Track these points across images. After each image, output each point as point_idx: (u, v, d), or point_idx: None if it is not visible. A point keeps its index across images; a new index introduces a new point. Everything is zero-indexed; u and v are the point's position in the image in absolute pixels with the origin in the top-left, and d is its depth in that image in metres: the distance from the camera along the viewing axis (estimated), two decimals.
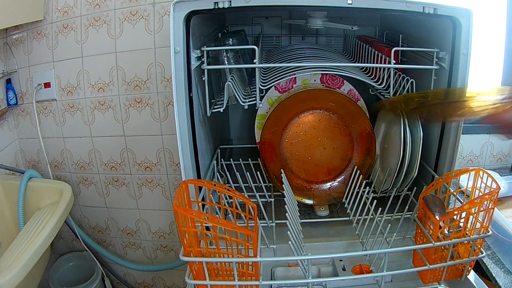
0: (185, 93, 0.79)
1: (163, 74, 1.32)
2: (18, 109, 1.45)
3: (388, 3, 0.74)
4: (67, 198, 1.17)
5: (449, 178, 0.80)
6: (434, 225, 0.68)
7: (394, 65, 0.85)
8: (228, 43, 1.02)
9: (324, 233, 0.92)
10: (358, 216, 0.87)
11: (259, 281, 0.65)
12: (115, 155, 1.45)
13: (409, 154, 0.88)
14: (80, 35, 1.33)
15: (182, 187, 0.68)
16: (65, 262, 1.59)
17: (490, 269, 0.91)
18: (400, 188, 0.92)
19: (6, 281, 0.85)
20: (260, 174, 0.96)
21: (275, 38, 1.26)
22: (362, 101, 1.06)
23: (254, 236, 0.61)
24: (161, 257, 1.63)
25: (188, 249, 0.64)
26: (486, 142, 1.46)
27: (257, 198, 0.86)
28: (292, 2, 0.76)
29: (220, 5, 0.73)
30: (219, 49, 0.93)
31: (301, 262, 0.69)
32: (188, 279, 0.67)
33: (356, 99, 1.04)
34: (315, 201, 0.99)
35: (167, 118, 1.38)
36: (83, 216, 1.58)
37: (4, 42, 1.37)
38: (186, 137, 0.81)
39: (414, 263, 0.76)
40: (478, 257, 0.71)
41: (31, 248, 0.95)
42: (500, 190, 0.68)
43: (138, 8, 1.27)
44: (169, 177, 1.46)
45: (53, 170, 1.49)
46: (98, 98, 1.38)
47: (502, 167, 1.48)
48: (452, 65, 0.82)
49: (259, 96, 0.84)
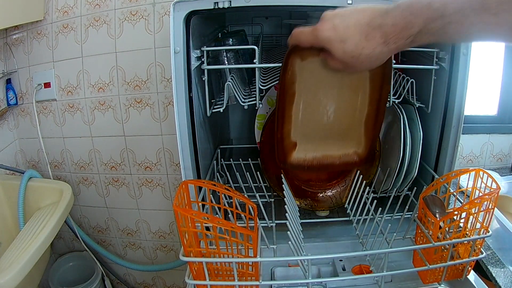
0: (185, 93, 0.79)
1: (163, 74, 1.32)
2: (18, 109, 1.45)
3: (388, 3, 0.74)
4: (67, 198, 1.17)
5: (449, 178, 0.80)
6: (434, 225, 0.68)
7: (394, 65, 0.85)
8: (228, 43, 1.02)
9: (324, 233, 0.92)
10: (358, 216, 0.87)
11: (259, 281, 0.65)
12: (115, 155, 1.45)
13: (409, 154, 0.88)
14: (80, 35, 1.33)
15: (182, 187, 0.68)
16: (65, 262, 1.59)
17: (490, 269, 0.92)
18: (400, 188, 0.92)
19: (6, 281, 0.85)
20: (260, 174, 0.96)
21: (275, 38, 1.26)
22: None
23: (254, 236, 0.61)
24: (161, 257, 1.63)
25: (188, 249, 0.64)
26: (486, 142, 1.46)
27: (257, 198, 0.86)
28: (292, 2, 0.76)
29: (220, 5, 0.73)
30: (219, 49, 0.93)
31: (301, 262, 0.69)
32: (188, 279, 0.67)
33: None
34: (315, 204, 0.99)
35: (167, 118, 1.38)
36: (83, 216, 1.58)
37: (4, 42, 1.37)
38: (186, 137, 0.81)
39: (414, 263, 0.76)
40: (478, 257, 0.71)
41: (31, 248, 0.95)
42: (500, 190, 0.68)
43: (138, 8, 1.27)
44: (169, 177, 1.46)
45: (53, 170, 1.49)
46: (98, 98, 1.38)
47: (502, 167, 1.48)
48: (452, 65, 0.82)
49: (259, 96, 0.84)
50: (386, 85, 0.80)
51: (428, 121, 0.92)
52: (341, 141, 0.85)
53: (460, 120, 0.83)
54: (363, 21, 0.58)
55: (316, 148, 0.85)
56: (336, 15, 0.60)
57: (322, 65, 0.74)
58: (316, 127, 0.84)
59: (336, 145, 0.85)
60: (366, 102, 0.81)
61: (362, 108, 0.82)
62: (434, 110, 0.88)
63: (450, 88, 0.83)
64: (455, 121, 0.84)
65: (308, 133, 0.84)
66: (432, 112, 0.89)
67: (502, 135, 1.46)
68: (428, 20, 0.53)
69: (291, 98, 0.79)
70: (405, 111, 0.91)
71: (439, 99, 0.86)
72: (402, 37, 0.56)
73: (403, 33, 0.56)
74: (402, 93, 0.88)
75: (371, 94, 0.80)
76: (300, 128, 0.83)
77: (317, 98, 0.81)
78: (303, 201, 0.98)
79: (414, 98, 0.90)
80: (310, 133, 0.84)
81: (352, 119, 0.83)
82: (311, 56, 0.75)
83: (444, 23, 0.52)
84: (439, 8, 0.52)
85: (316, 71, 0.76)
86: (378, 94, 0.80)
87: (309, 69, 0.76)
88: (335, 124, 0.83)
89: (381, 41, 0.58)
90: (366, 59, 0.60)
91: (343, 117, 0.83)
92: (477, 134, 1.45)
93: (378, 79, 0.79)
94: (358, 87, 0.80)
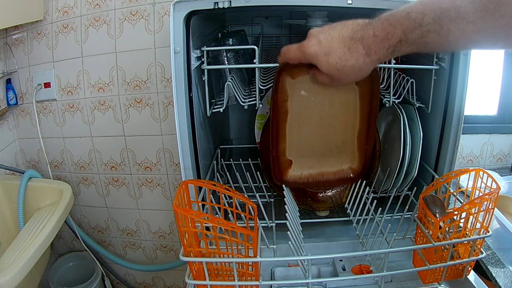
0: (185, 93, 0.79)
1: (163, 74, 1.32)
2: (18, 109, 1.45)
3: (388, 3, 0.74)
4: (67, 198, 1.17)
5: (449, 178, 0.80)
6: (434, 225, 0.68)
7: (394, 65, 0.85)
8: (228, 43, 1.02)
9: (324, 233, 0.92)
10: (358, 216, 0.87)
11: (259, 281, 0.65)
12: (115, 155, 1.45)
13: (409, 154, 0.88)
14: (80, 35, 1.33)
15: (182, 187, 0.68)
16: (65, 262, 1.59)
17: (490, 269, 0.92)
18: (400, 188, 0.92)
19: (6, 281, 0.85)
20: (260, 174, 0.96)
21: (275, 38, 1.26)
22: None
23: (254, 236, 0.61)
24: (161, 257, 1.63)
25: (188, 249, 0.64)
26: (486, 142, 1.46)
27: (257, 198, 0.86)
28: (292, 2, 0.76)
29: (220, 5, 0.73)
30: (219, 49, 0.93)
31: (301, 262, 0.69)
32: (188, 279, 0.67)
33: None
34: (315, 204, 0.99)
35: (167, 118, 1.38)
36: (83, 216, 1.58)
37: (4, 42, 1.37)
38: (186, 137, 0.81)
39: (414, 263, 0.76)
40: (478, 257, 0.71)
41: (31, 248, 0.95)
42: (500, 190, 0.68)
43: (138, 8, 1.27)
44: (169, 177, 1.46)
45: (53, 170, 1.49)
46: (98, 98, 1.38)
47: (502, 167, 1.48)
48: (452, 65, 0.82)
49: (259, 96, 0.84)
50: (375, 99, 0.82)
51: (428, 121, 0.92)
52: (336, 158, 0.88)
53: (460, 120, 0.83)
54: (346, 34, 0.60)
55: (311, 165, 0.88)
56: (320, 31, 0.63)
57: (312, 82, 0.77)
58: (311, 145, 0.86)
59: (331, 161, 0.88)
60: (357, 117, 0.84)
61: (354, 123, 0.85)
62: (434, 110, 0.88)
63: (450, 88, 0.83)
64: (455, 121, 0.84)
65: (303, 151, 0.86)
66: (432, 112, 0.89)
67: (502, 135, 1.46)
68: (407, 30, 0.54)
69: (284, 116, 0.82)
70: (405, 111, 0.91)
71: (439, 99, 0.86)
72: (383, 48, 0.58)
73: (383, 43, 0.57)
74: (402, 93, 0.88)
75: (362, 109, 0.83)
76: (295, 146, 0.86)
77: (310, 116, 0.83)
78: (303, 201, 0.98)
79: (414, 98, 0.90)
80: (305, 151, 0.86)
81: (345, 135, 0.86)
82: (301, 74, 0.77)
83: (422, 33, 0.54)
84: (417, 18, 0.53)
85: (306, 89, 0.79)
86: (369, 108, 0.83)
87: (299, 87, 0.79)
88: (329, 141, 0.86)
89: (363, 52, 0.59)
90: (350, 71, 0.62)
91: (336, 134, 0.85)
92: (477, 134, 1.45)
93: (367, 93, 0.82)
94: (348, 102, 0.83)
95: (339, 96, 0.81)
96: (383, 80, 0.91)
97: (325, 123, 0.84)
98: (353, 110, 0.83)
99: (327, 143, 0.86)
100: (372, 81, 0.79)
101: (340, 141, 0.86)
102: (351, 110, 0.83)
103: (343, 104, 0.82)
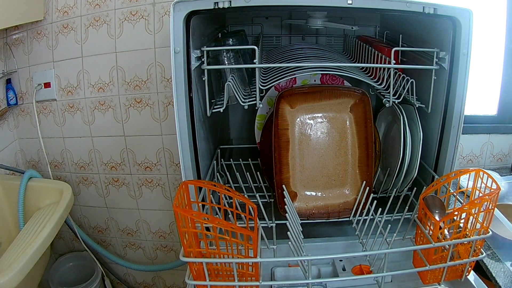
0: (185, 93, 0.79)
1: (163, 74, 1.32)
2: (18, 109, 1.45)
3: (388, 3, 0.74)
4: (67, 198, 1.17)
5: (449, 179, 0.80)
6: (434, 226, 0.68)
7: (394, 65, 0.85)
8: (228, 43, 1.02)
9: (324, 233, 0.92)
10: (358, 217, 0.87)
11: (259, 281, 0.65)
12: (115, 155, 1.45)
13: (409, 154, 0.88)
14: (80, 35, 1.33)
15: (182, 188, 0.68)
16: (65, 262, 1.59)
17: (490, 269, 0.92)
18: (400, 188, 0.92)
19: (6, 281, 0.85)
20: (260, 174, 0.96)
21: (275, 38, 1.26)
22: None
23: (254, 236, 0.61)
24: (161, 257, 1.63)
25: (188, 250, 0.64)
26: (486, 142, 1.46)
27: (257, 198, 0.86)
28: (292, 2, 0.76)
29: (220, 5, 0.73)
30: (219, 49, 0.93)
31: (301, 263, 0.69)
32: (188, 279, 0.67)
33: None
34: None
35: (167, 118, 1.38)
36: (83, 216, 1.58)
37: (4, 42, 1.37)
38: (186, 137, 0.81)
39: (414, 263, 0.76)
40: (478, 257, 0.71)
41: (31, 248, 0.95)
42: (500, 190, 0.68)
43: (138, 8, 1.27)
44: (169, 177, 1.46)
45: (53, 170, 1.49)
46: (98, 98, 1.38)
47: (502, 167, 1.48)
48: (452, 65, 0.82)
49: (259, 96, 0.84)
50: (369, 122, 0.87)
51: (428, 121, 0.92)
52: (340, 188, 0.91)
53: (460, 120, 0.83)
54: None
55: (316, 198, 0.91)
56: None
57: (310, 111, 0.79)
58: (314, 176, 0.90)
59: (335, 193, 0.91)
60: (355, 143, 0.89)
61: (353, 150, 0.90)
62: (434, 110, 0.88)
63: (450, 88, 0.83)
64: (455, 121, 0.84)
65: (307, 183, 0.90)
66: (432, 112, 0.89)
67: (502, 135, 1.45)
68: None
69: (285, 145, 0.85)
70: (405, 111, 0.91)
71: (439, 99, 0.86)
72: None
73: None
74: (402, 93, 0.88)
75: (358, 135, 0.89)
76: (298, 177, 0.89)
77: (311, 146, 0.85)
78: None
79: (414, 98, 0.90)
80: (309, 183, 0.90)
81: (346, 163, 0.90)
82: (299, 104, 0.82)
83: None
84: None
85: (305, 118, 0.80)
86: (365, 133, 0.88)
87: (298, 116, 0.80)
88: (331, 171, 0.90)
89: None
90: None
91: (337, 162, 0.89)
92: (477, 134, 1.45)
93: (361, 118, 0.87)
94: (344, 129, 0.89)
95: (336, 124, 0.87)
96: (383, 80, 0.91)
97: (326, 152, 0.88)
98: (350, 136, 0.89)
99: (330, 174, 0.90)
100: (364, 106, 0.85)
101: (342, 171, 0.90)
102: (348, 136, 0.88)
103: (339, 130, 0.88)
